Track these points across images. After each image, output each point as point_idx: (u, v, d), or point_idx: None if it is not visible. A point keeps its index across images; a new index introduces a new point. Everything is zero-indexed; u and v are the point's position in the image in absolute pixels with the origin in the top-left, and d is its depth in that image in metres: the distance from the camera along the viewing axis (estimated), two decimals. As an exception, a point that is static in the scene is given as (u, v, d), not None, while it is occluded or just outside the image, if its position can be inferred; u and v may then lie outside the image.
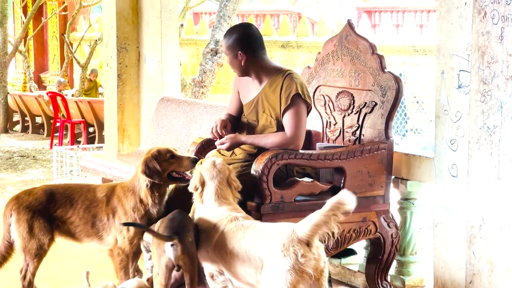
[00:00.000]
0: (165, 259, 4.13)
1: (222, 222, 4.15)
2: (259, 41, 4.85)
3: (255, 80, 4.87)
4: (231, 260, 4.05)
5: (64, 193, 4.81)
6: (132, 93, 7.55)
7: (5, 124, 16.58)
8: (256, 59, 4.81)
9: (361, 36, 5.03)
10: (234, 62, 4.83)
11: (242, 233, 4.04)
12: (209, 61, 13.02)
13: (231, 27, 4.96)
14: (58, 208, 4.76)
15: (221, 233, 4.11)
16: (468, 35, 4.33)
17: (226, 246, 4.06)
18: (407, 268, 5.07)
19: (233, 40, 4.80)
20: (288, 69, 4.84)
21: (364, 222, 4.78)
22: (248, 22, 9.82)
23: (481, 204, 4.32)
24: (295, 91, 4.66)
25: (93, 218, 4.75)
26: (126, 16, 7.48)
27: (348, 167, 4.68)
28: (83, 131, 14.29)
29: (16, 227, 4.73)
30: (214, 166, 4.35)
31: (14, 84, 20.96)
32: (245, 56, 4.78)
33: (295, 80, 4.70)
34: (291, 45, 17.49)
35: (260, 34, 4.93)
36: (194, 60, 19.50)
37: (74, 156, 9.11)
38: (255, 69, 4.83)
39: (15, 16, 21.66)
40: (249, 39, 4.81)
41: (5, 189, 9.94)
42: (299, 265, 3.76)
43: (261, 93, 4.82)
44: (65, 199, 4.79)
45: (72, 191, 4.84)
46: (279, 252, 3.79)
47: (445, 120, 4.52)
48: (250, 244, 3.96)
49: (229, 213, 4.17)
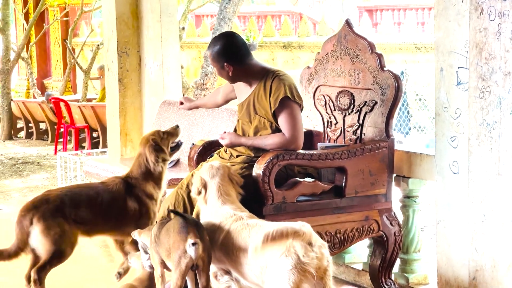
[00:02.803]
0: (186, 259, 4.06)
1: (227, 221, 4.18)
2: (243, 48, 4.82)
3: (246, 84, 4.88)
4: (237, 259, 4.07)
5: (79, 194, 4.98)
6: (133, 97, 7.57)
7: (9, 130, 16.60)
8: (243, 68, 4.81)
9: (360, 35, 5.04)
10: (222, 73, 4.86)
11: (248, 232, 4.06)
12: (211, 64, 13.04)
13: (213, 39, 4.93)
14: (77, 209, 4.91)
15: (227, 232, 4.14)
16: (466, 32, 4.33)
17: (232, 245, 4.09)
18: (410, 266, 5.07)
19: (217, 53, 4.79)
20: (276, 70, 4.84)
21: (366, 221, 4.78)
22: (229, 30, 9.83)
23: (482, 200, 4.33)
24: (283, 94, 4.66)
25: (116, 213, 4.98)
26: (126, 20, 7.50)
27: (349, 166, 4.69)
28: (87, 136, 14.30)
29: (44, 236, 4.80)
30: (212, 166, 4.41)
31: (17, 90, 20.97)
32: (232, 66, 4.78)
33: (283, 82, 4.70)
34: (293, 45, 17.46)
35: (243, 41, 4.92)
36: (196, 63, 19.49)
37: (78, 161, 9.13)
38: (244, 76, 4.84)
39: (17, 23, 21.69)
40: (232, 49, 4.79)
41: (10, 195, 9.96)
42: (301, 264, 3.78)
43: (251, 95, 4.83)
44: (82, 199, 4.96)
45: (85, 190, 5.05)
46: (281, 252, 3.81)
47: (445, 117, 4.52)
48: (255, 243, 3.98)
49: (234, 212, 4.21)
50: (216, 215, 4.25)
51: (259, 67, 4.87)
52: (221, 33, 5.07)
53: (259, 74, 4.82)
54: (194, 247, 4.04)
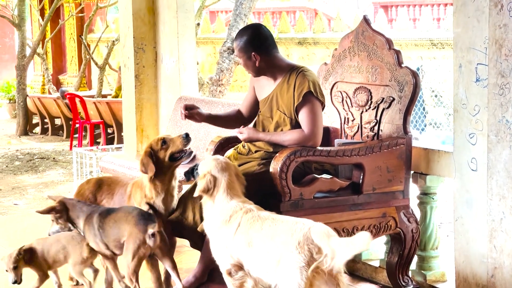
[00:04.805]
0: (145, 249, 4.56)
1: (238, 214, 4.17)
2: (270, 39, 4.85)
3: (270, 78, 4.87)
4: (251, 250, 4.06)
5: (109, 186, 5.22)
6: (150, 93, 7.57)
7: (25, 126, 16.67)
8: (270, 58, 4.82)
9: (378, 31, 5.03)
10: (248, 63, 4.84)
11: (260, 224, 4.07)
12: (226, 60, 13.03)
13: (241, 30, 4.95)
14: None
15: (239, 225, 4.13)
16: (485, 28, 4.31)
17: (245, 237, 4.08)
18: (428, 263, 5.05)
19: (245, 42, 4.80)
20: (301, 66, 4.84)
21: (384, 218, 4.77)
22: (257, 22, 9.83)
23: (501, 198, 4.30)
24: (307, 89, 4.67)
25: None
26: (143, 16, 7.50)
27: (367, 163, 4.68)
28: (102, 132, 14.33)
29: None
30: (218, 160, 4.38)
31: (32, 86, 21.05)
32: (259, 56, 4.79)
33: (307, 78, 4.70)
34: (308, 41, 17.44)
35: (271, 33, 4.94)
36: (211, 59, 19.50)
37: (93, 157, 9.14)
38: (269, 68, 4.83)
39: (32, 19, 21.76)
40: (260, 39, 4.81)
41: (26, 190, 10.00)
42: (314, 262, 3.78)
43: (275, 90, 4.83)
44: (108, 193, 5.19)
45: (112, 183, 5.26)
46: (294, 249, 3.83)
47: (463, 114, 4.50)
48: (268, 237, 3.99)
49: (242, 205, 4.20)
50: (224, 211, 4.23)
51: (285, 62, 4.88)
52: (248, 25, 5.08)
53: (284, 69, 4.82)
54: (153, 238, 4.55)
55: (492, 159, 4.33)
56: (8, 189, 10.11)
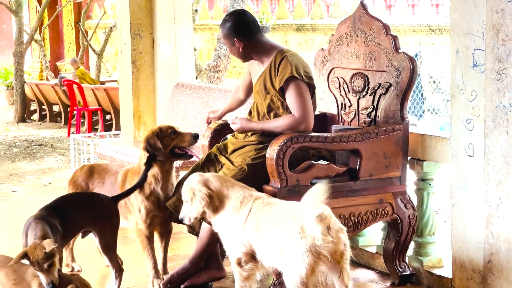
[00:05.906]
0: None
1: (248, 200, 4.16)
2: (253, 24, 4.87)
3: (259, 62, 4.89)
4: (259, 236, 4.05)
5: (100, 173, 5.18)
6: (147, 79, 7.55)
7: (22, 113, 16.66)
8: (253, 43, 4.83)
9: (375, 17, 5.00)
10: (233, 49, 4.89)
11: (268, 209, 4.08)
12: (224, 46, 13.01)
13: (224, 16, 4.98)
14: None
15: (250, 210, 4.13)
16: (483, 13, 4.29)
17: (255, 222, 4.09)
18: (425, 249, 5.05)
19: (228, 29, 4.84)
20: (285, 50, 4.84)
21: (381, 204, 4.76)
22: (240, 9, 9.81)
23: (498, 183, 4.29)
24: (289, 74, 4.66)
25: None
26: (139, 2, 7.47)
27: (363, 149, 4.67)
28: (100, 119, 14.32)
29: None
30: (194, 176, 4.34)
31: (30, 73, 21.04)
32: (242, 42, 4.81)
33: (290, 62, 4.70)
34: (306, 27, 17.40)
35: (254, 18, 4.96)
36: (209, 45, 19.48)
37: (91, 144, 9.15)
38: (255, 53, 4.86)
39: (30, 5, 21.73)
40: (243, 25, 4.83)
41: (24, 177, 10.01)
42: (316, 247, 3.77)
43: (263, 74, 4.85)
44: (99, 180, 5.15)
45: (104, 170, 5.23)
46: (297, 234, 3.82)
47: (460, 100, 4.49)
48: (274, 222, 4.00)
49: (251, 193, 4.20)
50: (233, 200, 4.21)
51: (270, 45, 4.88)
52: (230, 12, 5.09)
53: (271, 52, 4.83)
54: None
55: (489, 144, 4.33)
56: (6, 176, 10.12)
